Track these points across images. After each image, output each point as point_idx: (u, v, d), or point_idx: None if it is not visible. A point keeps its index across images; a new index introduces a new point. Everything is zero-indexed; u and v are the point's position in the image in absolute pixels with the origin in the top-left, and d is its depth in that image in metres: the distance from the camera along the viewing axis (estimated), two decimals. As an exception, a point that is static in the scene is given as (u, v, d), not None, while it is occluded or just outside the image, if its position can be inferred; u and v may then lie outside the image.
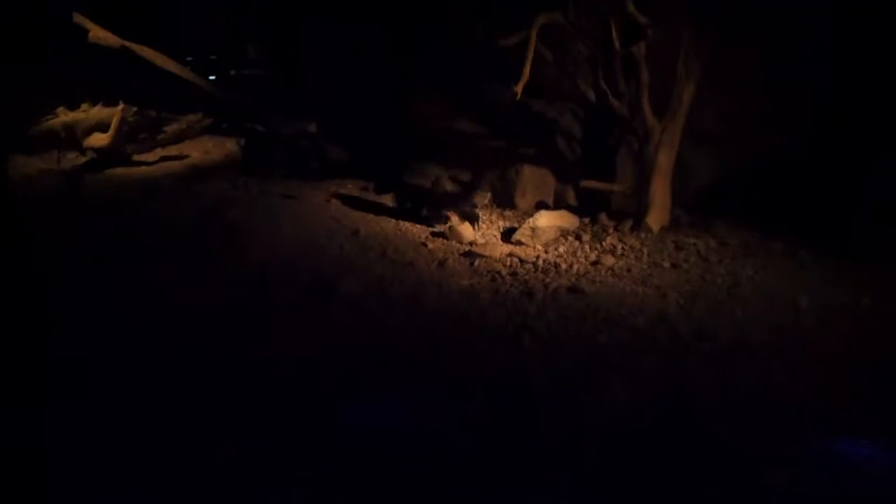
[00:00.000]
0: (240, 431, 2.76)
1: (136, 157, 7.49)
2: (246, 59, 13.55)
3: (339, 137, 7.36)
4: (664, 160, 5.14)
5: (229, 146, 8.09)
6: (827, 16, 5.12)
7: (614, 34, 5.02)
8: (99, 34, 7.30)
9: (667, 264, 4.59)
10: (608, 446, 2.73)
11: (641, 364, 3.35)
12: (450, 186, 5.78)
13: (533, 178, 5.92)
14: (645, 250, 4.81)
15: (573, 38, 5.28)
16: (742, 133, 5.41)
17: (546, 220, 5.16)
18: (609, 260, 4.64)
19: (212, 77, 10.42)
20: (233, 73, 12.21)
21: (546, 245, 5.03)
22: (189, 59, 10.68)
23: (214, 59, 11.82)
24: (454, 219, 5.32)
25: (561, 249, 4.93)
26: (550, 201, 5.88)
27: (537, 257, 4.77)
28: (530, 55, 4.90)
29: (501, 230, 5.42)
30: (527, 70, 4.89)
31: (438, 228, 5.32)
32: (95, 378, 3.11)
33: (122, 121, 7.32)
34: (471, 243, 5.04)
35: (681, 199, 5.38)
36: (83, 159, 7.39)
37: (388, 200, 5.98)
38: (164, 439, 2.70)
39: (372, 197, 6.17)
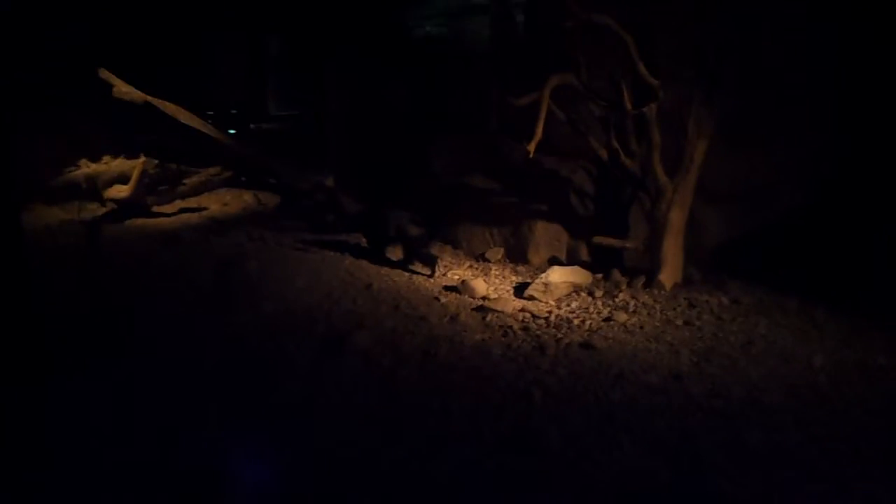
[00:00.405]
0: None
1: (155, 209, 7.63)
2: (266, 114, 13.86)
3: (357, 191, 7.48)
4: (676, 218, 5.18)
5: (247, 198, 8.24)
6: (832, 67, 5.20)
7: (625, 95, 5.12)
8: (123, 89, 7.52)
9: (679, 322, 4.59)
10: (619, 501, 2.72)
11: (653, 422, 3.33)
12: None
13: (546, 234, 5.97)
14: (657, 307, 4.82)
15: (585, 99, 5.38)
16: (754, 190, 5.48)
17: (559, 276, 5.18)
18: (622, 316, 4.65)
19: (232, 131, 10.66)
20: (252, 126, 12.49)
21: (558, 300, 5.05)
22: (210, 113, 10.95)
23: (235, 113, 12.10)
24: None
25: (573, 305, 4.94)
26: (563, 257, 5.92)
27: (549, 312, 4.79)
28: (543, 115, 5.00)
29: (514, 285, 5.45)
30: (539, 129, 4.97)
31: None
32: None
33: (143, 173, 7.49)
34: (483, 298, 5.07)
35: (693, 256, 5.41)
36: (103, 210, 7.53)
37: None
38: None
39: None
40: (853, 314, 4.57)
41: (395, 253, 6.03)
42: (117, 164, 8.17)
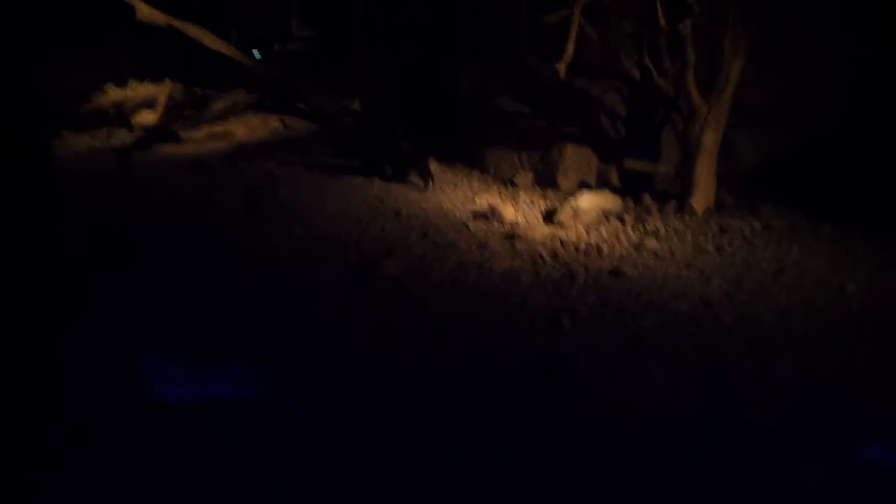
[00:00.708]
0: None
1: (182, 135, 7.62)
2: (290, 34, 13.63)
3: (384, 114, 7.39)
4: (709, 140, 5.07)
5: (274, 123, 8.18)
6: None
7: (660, 11, 4.94)
8: (146, 11, 7.39)
9: (711, 248, 4.54)
10: (647, 430, 2.76)
11: (683, 350, 3.35)
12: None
13: (575, 158, 5.88)
14: (689, 233, 4.77)
15: (617, 16, 5.20)
16: (789, 112, 5.32)
17: (588, 201, 5.13)
18: (652, 242, 4.62)
19: (256, 52, 10.52)
20: (277, 48, 12.31)
21: (588, 226, 5.01)
22: (233, 34, 10.78)
23: (259, 34, 11.90)
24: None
25: (603, 231, 4.91)
26: (593, 181, 5.85)
27: (579, 239, 4.76)
28: (574, 33, 4.85)
29: (543, 211, 5.41)
30: (570, 48, 4.84)
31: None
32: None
33: (169, 98, 7.45)
34: (512, 224, 5.05)
35: (726, 180, 5.31)
36: (132, 137, 7.54)
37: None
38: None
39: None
40: (888, 240, 4.49)
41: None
42: (143, 89, 8.12)
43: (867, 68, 5.09)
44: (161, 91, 7.50)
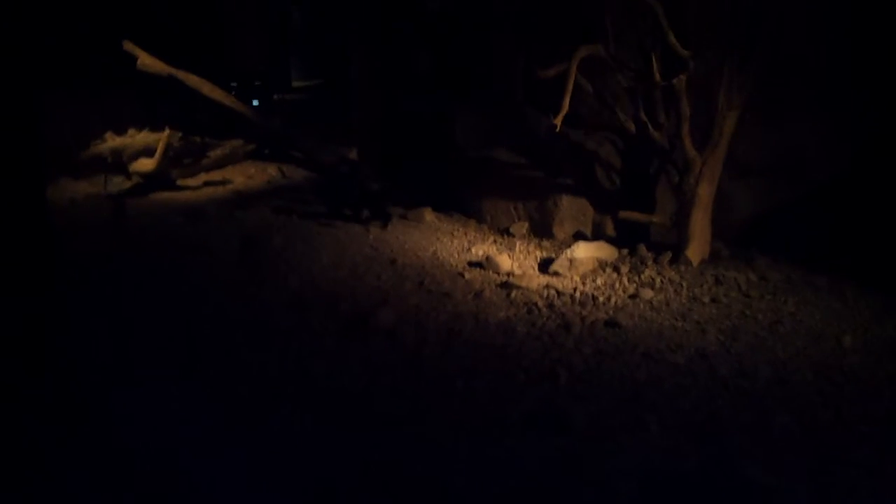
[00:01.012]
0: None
1: (180, 182, 7.66)
2: (289, 84, 13.82)
3: (381, 163, 7.44)
4: (704, 192, 5.09)
5: (271, 172, 8.24)
6: (864, 39, 5.04)
7: (655, 66, 5.01)
8: (147, 61, 7.51)
9: (706, 299, 4.53)
10: (646, 487, 2.70)
11: (679, 403, 3.31)
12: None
13: (571, 208, 5.91)
14: (684, 284, 4.76)
15: (613, 70, 5.27)
16: (785, 164, 5.35)
17: (584, 251, 5.14)
18: (648, 293, 4.60)
19: (255, 102, 10.65)
20: (276, 97, 12.48)
21: (583, 276, 5.01)
22: (233, 84, 10.94)
23: (258, 85, 12.09)
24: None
25: (599, 281, 4.90)
26: (588, 232, 5.86)
27: (574, 289, 4.75)
28: (570, 87, 4.91)
29: (539, 260, 5.41)
30: (566, 101, 4.89)
31: (474, 258, 5.36)
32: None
33: (168, 146, 7.50)
34: (508, 274, 5.04)
35: (721, 231, 5.32)
36: (129, 184, 7.58)
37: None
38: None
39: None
40: (884, 292, 4.48)
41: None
42: (142, 137, 8.20)
43: (863, 123, 5.14)
44: (160, 139, 7.55)
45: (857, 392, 3.42)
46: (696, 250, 5.11)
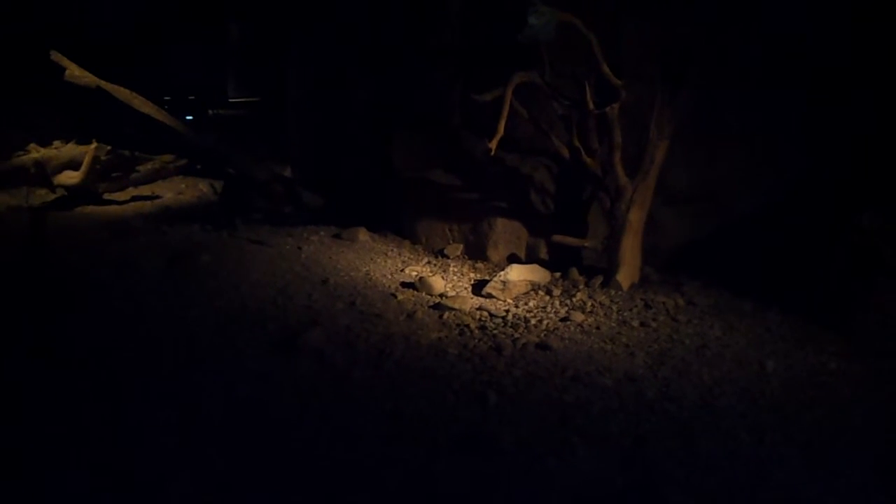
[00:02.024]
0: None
1: (107, 196, 7.44)
2: (225, 100, 13.62)
3: (316, 182, 7.36)
4: (635, 218, 5.19)
5: (202, 187, 8.08)
6: (798, 72, 5.23)
7: (588, 94, 5.10)
8: (76, 73, 7.28)
9: (636, 322, 4.59)
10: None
11: (607, 426, 3.33)
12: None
13: (505, 231, 5.94)
14: (614, 308, 4.82)
15: (548, 97, 5.34)
16: (713, 193, 5.49)
17: (517, 274, 5.16)
18: (579, 316, 4.64)
19: (189, 117, 10.45)
20: (211, 112, 12.27)
21: (516, 299, 5.02)
22: (167, 98, 10.72)
23: (192, 99, 11.87)
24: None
25: (531, 304, 4.92)
26: (522, 255, 5.90)
27: (507, 311, 4.75)
28: (505, 112, 4.95)
29: (472, 282, 5.41)
30: (501, 126, 4.93)
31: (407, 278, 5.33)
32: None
33: (95, 159, 7.28)
34: (441, 295, 5.02)
35: (651, 257, 5.43)
36: (53, 197, 7.31)
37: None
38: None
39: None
40: (806, 318, 4.61)
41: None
42: (68, 150, 7.93)
43: (789, 155, 5.31)
44: (87, 152, 7.32)
45: (779, 416, 3.49)
46: (626, 275, 5.18)
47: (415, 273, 5.54)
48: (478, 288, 5.23)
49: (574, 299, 4.97)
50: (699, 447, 3.16)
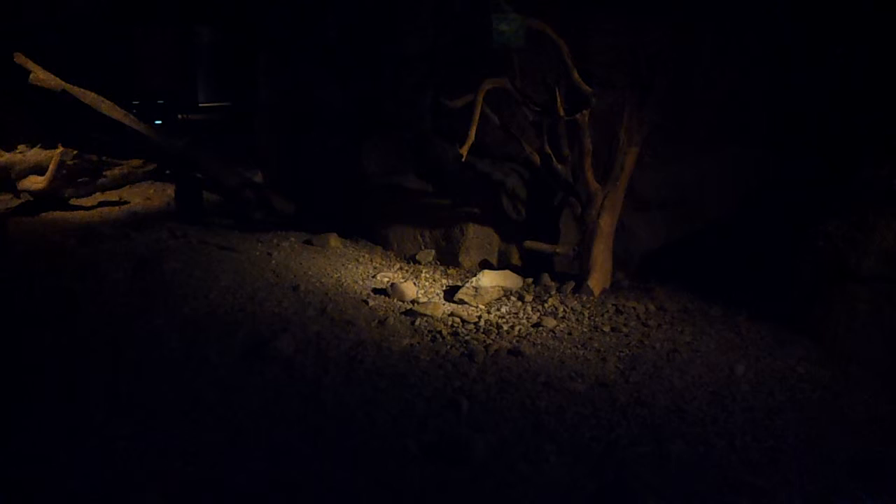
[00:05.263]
0: None
1: (73, 202, 7.31)
2: (195, 104, 13.49)
3: (287, 188, 7.30)
4: (605, 224, 5.21)
5: (171, 193, 7.96)
6: (763, 80, 5.29)
7: (559, 101, 5.11)
8: (41, 76, 7.14)
9: (607, 328, 4.60)
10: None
11: (579, 432, 3.33)
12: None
13: (477, 237, 5.93)
14: (586, 313, 4.83)
15: (519, 104, 5.35)
16: (683, 199, 5.54)
17: (489, 280, 5.15)
18: (550, 322, 4.64)
19: (158, 122, 10.31)
20: (181, 117, 12.13)
21: (488, 305, 5.02)
22: (135, 102, 10.58)
23: (161, 103, 11.73)
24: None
25: (503, 310, 4.92)
26: (494, 261, 5.89)
27: (479, 317, 4.75)
28: (476, 117, 4.95)
29: (444, 288, 5.40)
30: (472, 132, 4.92)
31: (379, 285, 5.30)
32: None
33: (61, 164, 7.15)
34: (413, 301, 5.00)
35: (622, 262, 5.46)
36: (17, 202, 7.17)
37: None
38: None
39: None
40: (775, 323, 4.66)
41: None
42: (33, 154, 7.78)
43: (758, 162, 5.38)
44: (52, 156, 7.19)
45: (748, 420, 3.52)
46: (597, 280, 5.20)
47: (386, 279, 5.51)
48: (450, 294, 5.22)
49: (546, 305, 4.97)
50: (671, 452, 3.17)
